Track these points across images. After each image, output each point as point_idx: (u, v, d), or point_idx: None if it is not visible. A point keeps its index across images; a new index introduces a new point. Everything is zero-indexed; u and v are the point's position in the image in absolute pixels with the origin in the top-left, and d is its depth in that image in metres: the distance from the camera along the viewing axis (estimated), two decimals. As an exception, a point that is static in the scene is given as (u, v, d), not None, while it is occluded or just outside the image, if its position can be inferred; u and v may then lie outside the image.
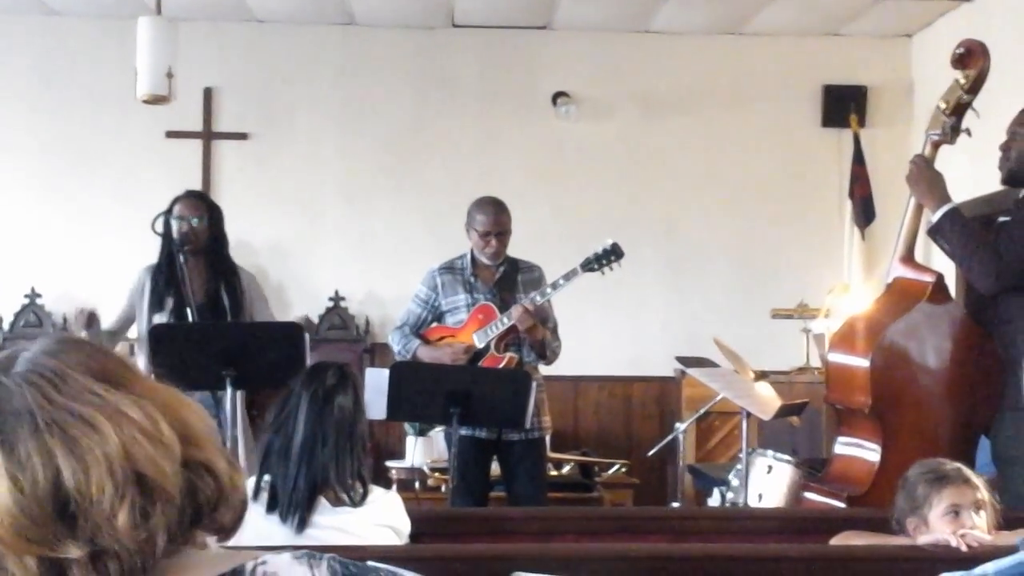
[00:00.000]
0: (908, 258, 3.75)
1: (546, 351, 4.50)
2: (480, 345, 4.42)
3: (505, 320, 4.38)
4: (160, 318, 4.37)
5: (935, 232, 3.60)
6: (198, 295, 4.40)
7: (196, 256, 4.48)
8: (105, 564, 1.01)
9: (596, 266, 4.41)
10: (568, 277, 4.37)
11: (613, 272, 4.48)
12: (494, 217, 4.48)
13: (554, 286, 4.41)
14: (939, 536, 2.50)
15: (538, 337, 4.42)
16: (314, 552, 1.11)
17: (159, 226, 4.49)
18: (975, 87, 3.64)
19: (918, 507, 2.61)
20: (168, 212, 4.51)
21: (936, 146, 3.68)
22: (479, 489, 4.41)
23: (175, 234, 4.44)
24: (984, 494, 2.61)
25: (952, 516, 2.56)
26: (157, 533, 1.02)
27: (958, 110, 3.65)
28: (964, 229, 3.60)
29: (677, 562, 2.40)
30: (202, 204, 4.61)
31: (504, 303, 4.46)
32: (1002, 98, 3.73)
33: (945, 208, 3.60)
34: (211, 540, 1.10)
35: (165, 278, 4.44)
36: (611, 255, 4.40)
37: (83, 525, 1.00)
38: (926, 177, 3.65)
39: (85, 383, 1.06)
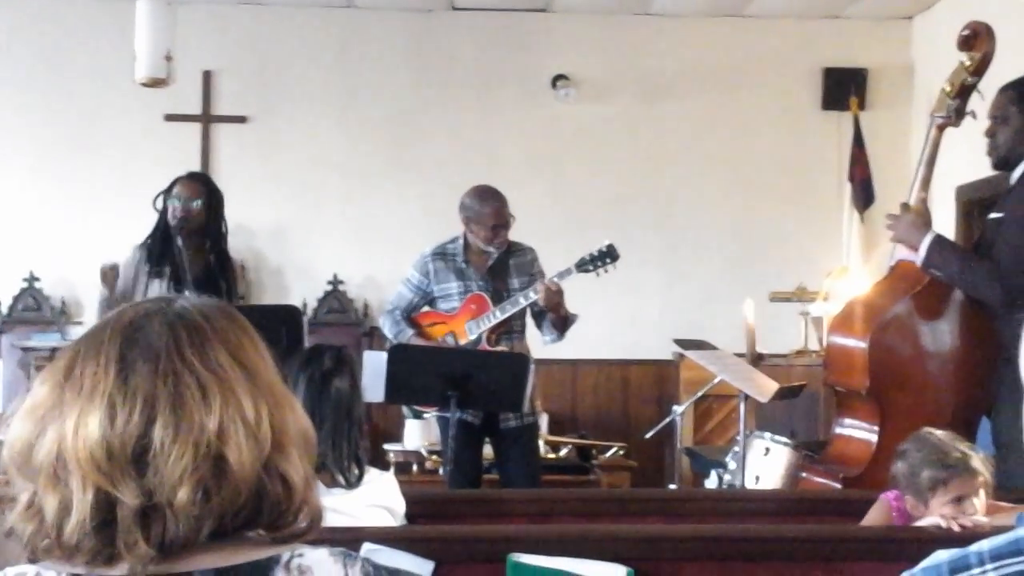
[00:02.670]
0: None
1: (567, 326, 4.52)
2: (472, 336, 4.44)
3: (498, 314, 4.41)
4: (159, 285, 4.36)
5: (927, 267, 3.55)
6: (193, 274, 4.41)
7: (191, 238, 4.48)
8: (151, 522, 1.02)
9: (591, 267, 4.45)
10: (561, 276, 4.40)
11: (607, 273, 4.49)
12: (500, 207, 4.48)
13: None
14: (935, 520, 2.49)
15: (562, 313, 4.44)
16: (350, 552, 1.12)
17: (159, 204, 4.50)
18: (980, 69, 3.62)
19: (920, 491, 2.59)
20: (168, 191, 4.51)
21: (941, 128, 3.67)
22: (472, 472, 4.41)
23: (170, 214, 4.44)
24: (987, 475, 2.59)
25: (955, 504, 2.55)
26: (208, 517, 1.03)
27: (963, 92, 3.64)
28: (953, 251, 3.60)
29: (674, 543, 2.39)
30: (202, 187, 4.60)
31: (497, 292, 4.48)
32: (1006, 80, 3.71)
33: (927, 239, 3.54)
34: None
35: (159, 250, 4.44)
36: (607, 257, 4.44)
37: (150, 478, 1.02)
38: (903, 222, 3.61)
39: (218, 352, 1.07)
